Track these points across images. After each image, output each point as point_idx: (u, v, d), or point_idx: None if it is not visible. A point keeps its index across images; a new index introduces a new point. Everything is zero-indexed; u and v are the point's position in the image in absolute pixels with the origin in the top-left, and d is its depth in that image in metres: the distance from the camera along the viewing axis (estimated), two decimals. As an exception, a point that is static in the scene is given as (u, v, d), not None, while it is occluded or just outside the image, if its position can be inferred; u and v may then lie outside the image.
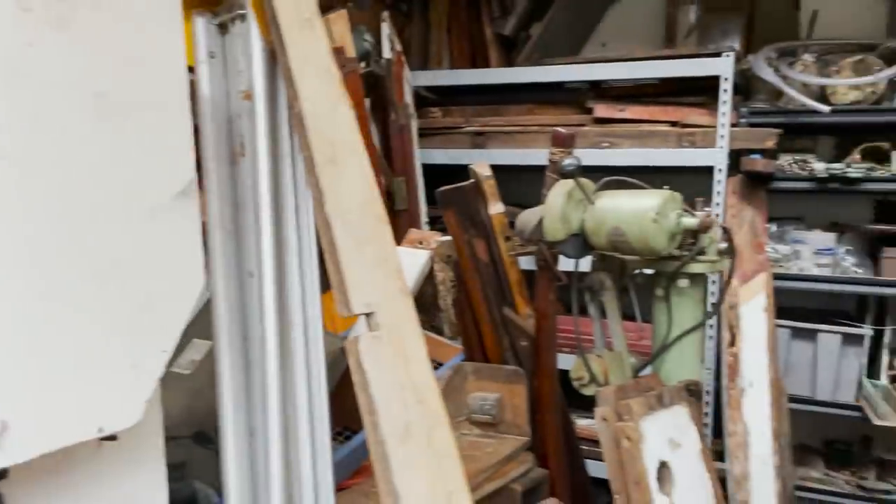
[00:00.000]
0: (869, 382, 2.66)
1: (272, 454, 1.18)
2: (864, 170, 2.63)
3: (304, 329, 1.24)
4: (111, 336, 0.91)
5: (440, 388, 1.89)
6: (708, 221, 1.51)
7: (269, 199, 1.22)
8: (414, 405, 1.18)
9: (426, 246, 2.28)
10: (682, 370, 1.64)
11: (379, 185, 2.52)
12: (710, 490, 1.53)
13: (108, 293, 0.91)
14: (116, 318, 0.92)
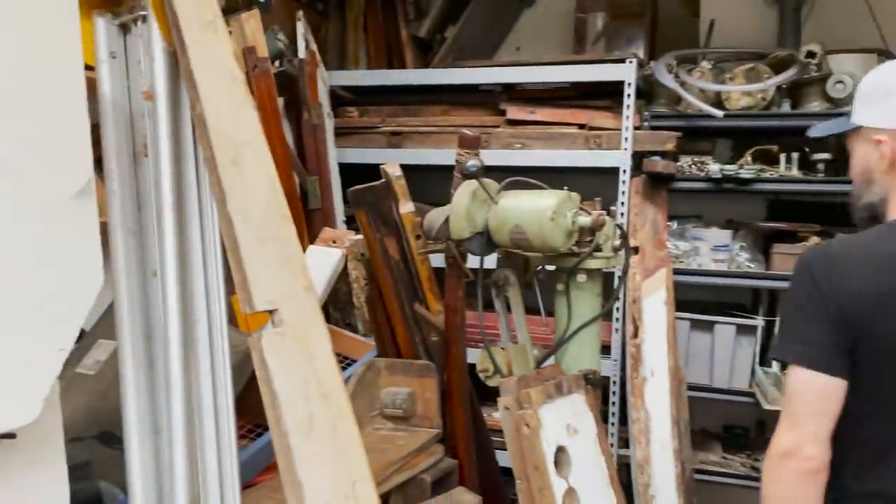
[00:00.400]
0: (761, 370, 2.84)
1: (176, 452, 1.19)
2: (756, 171, 2.80)
3: (209, 327, 1.26)
4: (7, 334, 0.91)
5: (353, 384, 1.94)
6: (601, 220, 1.60)
7: (171, 198, 1.23)
8: (318, 399, 1.21)
9: (340, 244, 2.31)
10: (582, 360, 1.73)
11: (292, 184, 2.56)
12: (605, 472, 1.62)
13: (2, 292, 0.91)
14: (12, 317, 0.92)
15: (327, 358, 1.26)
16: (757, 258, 2.91)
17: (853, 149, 1.46)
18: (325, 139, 2.71)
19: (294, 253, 1.28)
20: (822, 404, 1.27)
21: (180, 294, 1.22)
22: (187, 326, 1.23)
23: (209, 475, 1.23)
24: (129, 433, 1.22)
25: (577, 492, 1.52)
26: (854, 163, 1.45)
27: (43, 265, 0.96)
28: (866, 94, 1.42)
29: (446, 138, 3.08)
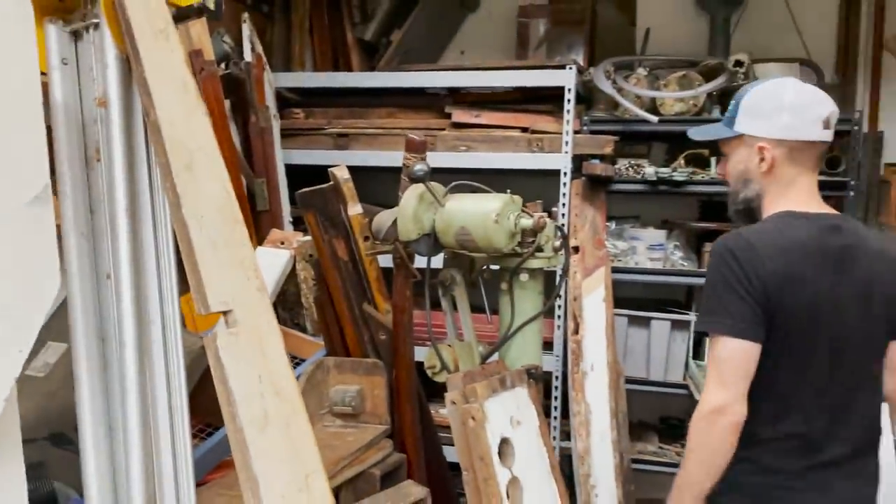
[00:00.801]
0: (694, 363, 2.98)
1: (132, 451, 1.22)
2: (688, 174, 2.94)
3: (163, 328, 1.29)
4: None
5: (303, 383, 1.98)
6: (542, 222, 1.68)
7: (125, 202, 1.26)
8: (271, 396, 1.26)
9: (288, 246, 2.35)
10: (525, 355, 1.81)
11: (239, 186, 2.57)
12: (547, 462, 1.70)
13: (-40, 296, 0.93)
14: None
15: (280, 357, 1.31)
16: (690, 257, 3.05)
17: (732, 152, 1.68)
18: (273, 142, 2.74)
19: (246, 255, 1.32)
20: (747, 367, 1.49)
21: (135, 296, 1.25)
22: (142, 328, 1.26)
23: (164, 475, 1.26)
24: (84, 433, 1.24)
25: (521, 481, 1.60)
26: (732, 165, 1.68)
27: (1, 270, 0.98)
28: (754, 108, 1.61)
29: (393, 140, 3.13)
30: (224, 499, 1.58)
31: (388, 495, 1.82)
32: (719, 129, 1.70)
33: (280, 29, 3.39)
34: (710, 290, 1.56)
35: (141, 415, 1.23)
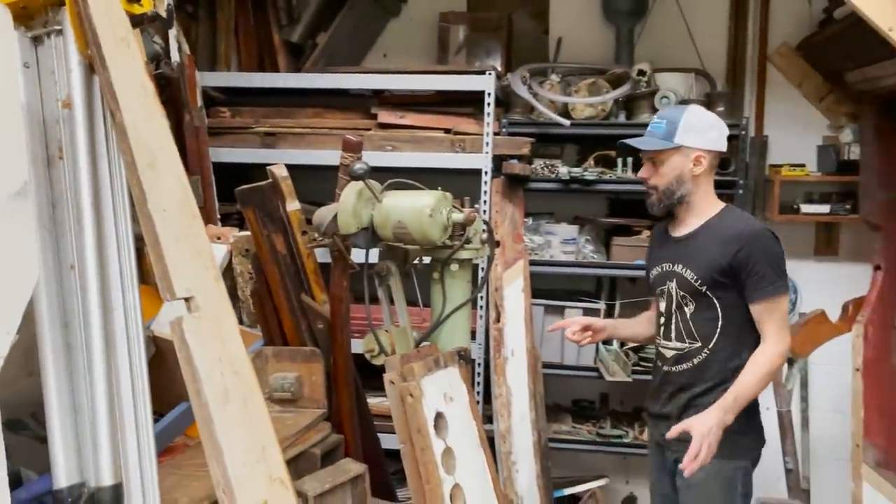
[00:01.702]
0: (604, 348, 3.22)
1: (100, 429, 1.31)
2: (598, 173, 3.19)
3: (125, 315, 1.38)
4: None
5: (244, 370, 2.07)
6: (471, 216, 1.85)
7: (90, 198, 1.35)
8: (231, 375, 1.37)
9: (224, 241, 2.43)
10: (455, 339, 1.97)
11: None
12: (476, 434, 1.88)
13: (-49, 284, 1.01)
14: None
15: (236, 339, 1.42)
16: (599, 250, 3.30)
17: (667, 159, 2.05)
18: (206, 140, 2.80)
19: (204, 247, 1.43)
20: None
21: (100, 286, 1.34)
22: (106, 315, 1.35)
23: (129, 453, 1.35)
24: (52, 415, 1.32)
25: (454, 450, 1.76)
26: (668, 170, 2.05)
27: (-13, 259, 1.07)
28: (691, 125, 2.03)
29: (320, 140, 3.24)
30: (175, 477, 1.67)
31: (329, 472, 1.95)
32: (657, 142, 2.04)
33: (205, 29, 3.43)
34: (778, 263, 2.00)
35: (108, 396, 1.33)
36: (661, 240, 2.21)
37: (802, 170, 3.29)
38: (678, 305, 2.08)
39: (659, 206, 2.09)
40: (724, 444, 1.94)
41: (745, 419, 2.01)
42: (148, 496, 1.35)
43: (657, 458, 2.21)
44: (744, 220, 2.11)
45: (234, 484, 1.28)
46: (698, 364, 2.05)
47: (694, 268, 2.04)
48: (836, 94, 3.30)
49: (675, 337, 2.09)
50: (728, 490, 2.03)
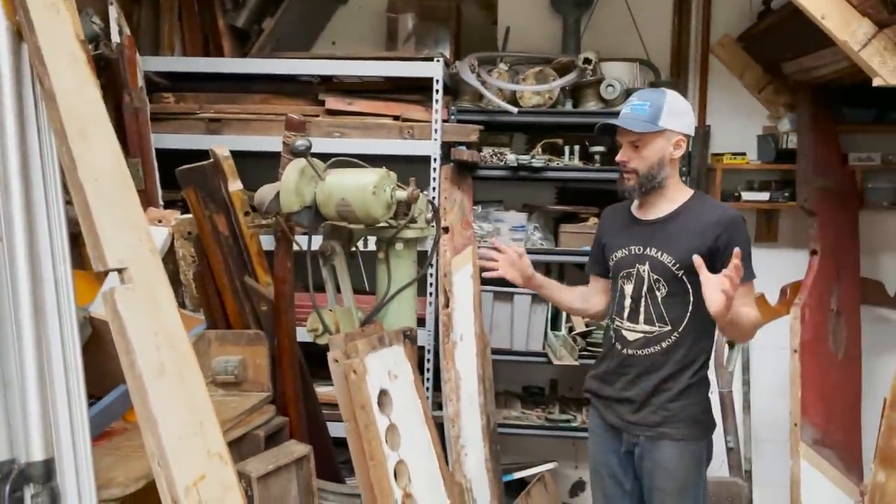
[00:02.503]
0: (552, 333, 3.26)
1: (30, 405, 1.27)
2: (545, 160, 3.22)
3: (55, 285, 1.34)
4: None
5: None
6: (415, 194, 1.86)
7: (17, 167, 1.30)
8: (166, 348, 1.35)
9: (166, 223, 2.38)
10: (400, 318, 1.97)
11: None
12: (421, 412, 1.88)
13: None
14: None
15: (173, 313, 1.40)
16: (548, 237, 3.34)
17: (650, 143, 2.05)
18: (147, 122, 2.74)
19: (138, 219, 1.40)
20: None
21: (29, 256, 1.30)
22: (36, 287, 1.31)
23: (61, 427, 1.32)
24: (-23, 390, 1.28)
25: (398, 427, 1.76)
26: (650, 153, 2.06)
27: None
28: (672, 109, 2.06)
29: (266, 126, 3.20)
30: (112, 457, 1.63)
31: (273, 453, 1.93)
32: (645, 125, 2.04)
33: (147, 13, 3.36)
34: (749, 250, 2.03)
35: (37, 368, 1.29)
36: (625, 222, 2.20)
37: (743, 158, 3.38)
38: (649, 289, 2.08)
39: (639, 189, 2.09)
40: (689, 428, 2.05)
41: (704, 402, 2.10)
42: (81, 471, 1.32)
43: (608, 442, 2.21)
44: (719, 206, 2.18)
45: (170, 456, 1.26)
46: (667, 347, 2.07)
47: (672, 252, 2.05)
48: (775, 84, 3.39)
49: (644, 320, 2.09)
50: (697, 467, 2.09)
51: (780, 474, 3.15)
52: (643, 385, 2.10)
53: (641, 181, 2.07)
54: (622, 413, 2.15)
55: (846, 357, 3.15)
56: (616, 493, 2.21)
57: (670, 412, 2.07)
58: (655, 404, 2.09)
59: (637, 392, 2.11)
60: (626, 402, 2.14)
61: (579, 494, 3.68)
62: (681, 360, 2.07)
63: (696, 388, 2.08)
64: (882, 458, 1.97)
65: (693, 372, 2.08)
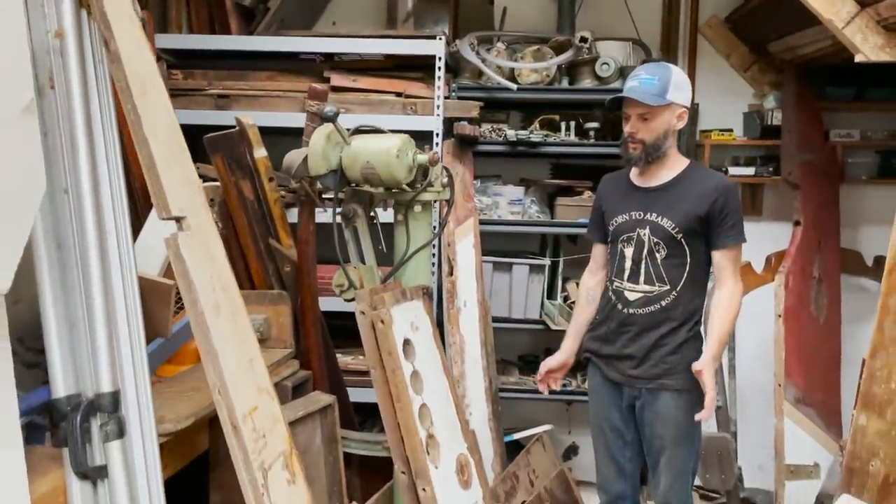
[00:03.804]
0: (549, 302, 3.41)
1: (98, 338, 1.39)
2: (542, 136, 3.36)
3: (117, 238, 1.46)
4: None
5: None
6: (435, 157, 1.98)
7: (83, 125, 1.41)
8: (221, 291, 1.47)
9: (188, 192, 2.48)
10: (418, 277, 2.10)
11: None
12: (440, 362, 2.01)
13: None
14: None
15: (223, 261, 1.52)
16: (544, 210, 3.48)
17: (659, 115, 2.19)
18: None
19: (191, 174, 1.52)
20: None
21: (95, 209, 1.41)
22: (101, 237, 1.42)
23: (125, 364, 1.43)
24: (49, 329, 1.39)
25: (421, 374, 1.90)
26: (658, 125, 2.20)
27: (2, 170, 1.14)
28: (676, 84, 2.20)
29: (273, 102, 3.31)
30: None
31: (301, 402, 2.06)
32: (656, 98, 2.17)
33: (154, -8, 3.44)
34: (741, 215, 2.22)
35: (105, 310, 1.40)
36: (624, 190, 2.34)
37: (730, 135, 3.54)
38: (650, 251, 2.23)
39: (645, 159, 2.22)
40: (687, 378, 2.21)
41: (699, 354, 2.26)
42: (142, 405, 1.44)
43: (610, 398, 2.36)
44: (715, 174, 2.34)
45: (230, 386, 1.38)
46: (666, 306, 2.23)
47: (672, 216, 2.21)
48: (761, 64, 3.55)
49: (645, 280, 2.24)
50: (693, 415, 2.23)
51: (763, 433, 3.34)
52: (643, 341, 2.25)
53: (648, 150, 2.21)
54: (623, 369, 2.30)
55: (827, 322, 3.33)
56: (617, 444, 2.37)
57: (669, 365, 2.22)
58: (655, 358, 2.24)
59: (637, 348, 2.26)
60: (627, 358, 2.29)
61: (572, 458, 3.85)
62: (679, 317, 2.23)
63: (692, 341, 2.24)
64: (863, 402, 2.14)
65: (689, 327, 2.24)
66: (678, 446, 2.25)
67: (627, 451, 2.37)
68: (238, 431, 1.38)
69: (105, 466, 1.38)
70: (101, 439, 1.38)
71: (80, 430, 1.37)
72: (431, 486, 1.78)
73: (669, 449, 2.25)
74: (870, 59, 2.39)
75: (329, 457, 2.07)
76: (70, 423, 1.37)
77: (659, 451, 2.27)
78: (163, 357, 2.00)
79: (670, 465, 2.26)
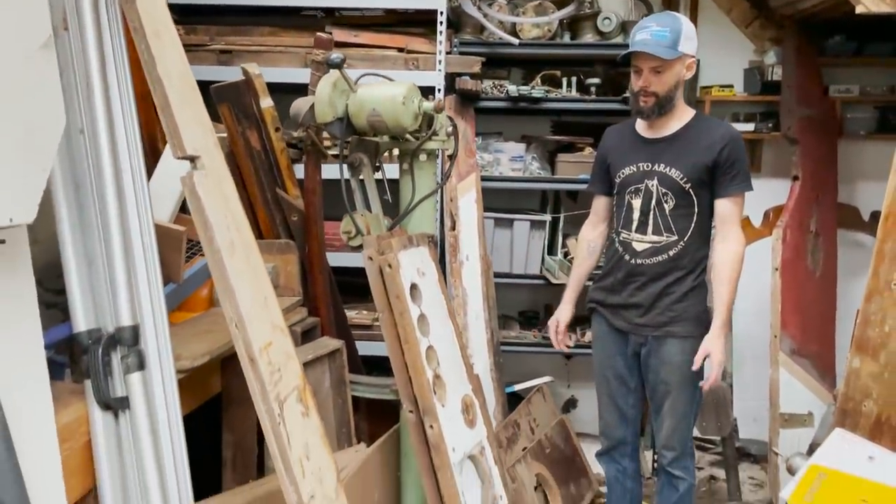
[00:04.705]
0: (549, 257, 3.46)
1: (118, 274, 1.43)
2: (544, 91, 3.37)
3: (132, 175, 1.49)
4: (6, 155, 1.12)
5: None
6: (441, 105, 2.00)
7: (97, 64, 1.44)
8: (234, 230, 1.51)
9: (195, 143, 2.51)
10: (423, 225, 2.14)
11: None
12: (445, 307, 2.06)
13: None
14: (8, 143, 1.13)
15: (236, 201, 1.56)
16: (545, 166, 3.51)
17: (671, 67, 2.18)
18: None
19: (203, 115, 1.54)
20: None
21: (111, 148, 1.45)
22: (117, 175, 1.46)
23: (143, 299, 1.48)
24: (68, 266, 1.44)
25: (427, 317, 1.95)
26: (670, 76, 2.19)
27: (24, 105, 1.16)
28: (686, 34, 2.18)
29: (275, 57, 3.30)
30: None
31: (311, 346, 2.11)
32: (669, 51, 2.16)
33: (154, -55, 3.41)
34: (747, 164, 2.26)
35: (123, 248, 1.44)
36: (630, 142, 2.35)
37: (730, 90, 3.55)
38: (658, 202, 2.25)
39: (657, 111, 2.23)
40: (692, 325, 2.26)
41: (704, 302, 2.30)
42: (160, 339, 1.49)
43: (616, 346, 2.40)
44: (721, 123, 2.36)
45: (246, 321, 1.43)
46: (673, 255, 2.26)
47: (680, 167, 2.23)
48: (761, 19, 3.55)
49: (653, 231, 2.27)
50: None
51: (759, 387, 3.41)
52: (651, 290, 2.29)
53: (661, 103, 2.21)
54: (629, 317, 2.34)
55: (823, 275, 3.38)
56: (620, 391, 2.42)
57: (676, 312, 2.27)
58: (662, 307, 2.28)
59: (644, 297, 2.30)
60: (634, 307, 2.33)
61: (571, 411, 3.93)
62: (686, 266, 2.27)
63: (697, 290, 2.29)
64: (857, 345, 2.20)
65: (696, 276, 2.28)
66: (682, 391, 2.30)
67: (630, 398, 2.43)
68: (255, 364, 1.43)
69: (126, 398, 1.43)
70: (122, 371, 1.43)
71: (101, 362, 1.41)
72: (439, 424, 1.83)
73: (674, 394, 2.30)
74: (870, 10, 2.41)
75: (338, 399, 2.13)
76: (92, 356, 1.41)
77: (663, 396, 2.32)
78: (174, 303, 2.04)
79: (674, 409, 2.32)
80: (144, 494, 1.41)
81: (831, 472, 1.91)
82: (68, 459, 1.34)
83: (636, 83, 2.24)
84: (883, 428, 2.10)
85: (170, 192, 2.12)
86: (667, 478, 2.39)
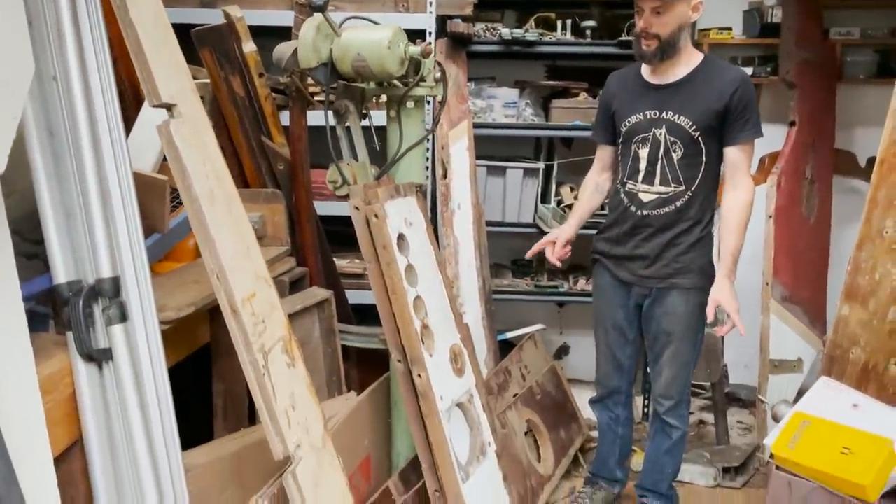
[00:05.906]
0: (543, 206, 3.43)
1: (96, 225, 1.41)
2: (538, 34, 3.29)
3: (108, 123, 1.45)
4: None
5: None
6: (428, 49, 1.95)
7: (69, 12, 1.39)
8: (214, 179, 1.48)
9: (178, 90, 2.45)
10: (411, 174, 2.11)
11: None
12: (434, 257, 2.05)
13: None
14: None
15: (215, 148, 1.52)
16: (539, 113, 3.45)
17: (674, 8, 2.08)
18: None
19: (180, 59, 1.50)
20: None
21: (84, 95, 1.40)
22: (92, 123, 1.42)
23: (123, 250, 1.46)
24: (46, 217, 1.41)
25: (415, 268, 1.93)
26: (673, 18, 2.08)
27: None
28: None
29: (260, 1, 3.21)
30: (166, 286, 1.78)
31: (299, 297, 2.10)
32: None
33: None
34: (757, 109, 2.16)
35: (101, 197, 1.42)
36: (636, 88, 2.26)
37: (729, 33, 3.47)
38: (666, 151, 2.18)
39: (660, 55, 2.13)
40: (698, 277, 2.24)
41: (710, 254, 2.28)
42: (143, 289, 1.47)
43: (618, 298, 2.37)
44: (730, 66, 2.26)
45: (228, 271, 1.41)
46: (681, 206, 2.21)
47: (688, 114, 2.15)
48: (762, -41, 3.45)
49: (660, 181, 2.21)
50: (700, 313, 2.25)
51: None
52: (657, 241, 2.25)
53: (663, 47, 2.11)
54: (634, 269, 2.31)
55: (817, 222, 3.37)
56: (619, 342, 2.42)
57: (681, 264, 2.24)
58: (667, 258, 2.25)
59: (650, 248, 2.26)
60: (639, 258, 2.29)
61: (563, 358, 3.96)
62: (693, 217, 2.22)
63: (704, 241, 2.25)
64: (847, 293, 2.19)
65: (702, 227, 2.23)
66: (684, 341, 2.29)
67: (628, 349, 2.43)
68: (238, 315, 1.42)
69: (109, 349, 1.43)
70: (105, 323, 1.42)
71: (82, 314, 1.40)
72: (427, 373, 1.84)
73: (675, 344, 2.29)
74: (874, -52, 2.33)
75: (327, 349, 2.13)
76: (73, 307, 1.40)
77: (664, 345, 2.31)
78: (160, 253, 2.02)
79: (675, 358, 2.31)
80: (130, 444, 1.41)
81: (815, 420, 1.93)
82: (52, 410, 1.34)
83: (637, 24, 2.16)
84: (870, 375, 2.12)
85: (152, 140, 2.07)
86: (660, 425, 2.40)
